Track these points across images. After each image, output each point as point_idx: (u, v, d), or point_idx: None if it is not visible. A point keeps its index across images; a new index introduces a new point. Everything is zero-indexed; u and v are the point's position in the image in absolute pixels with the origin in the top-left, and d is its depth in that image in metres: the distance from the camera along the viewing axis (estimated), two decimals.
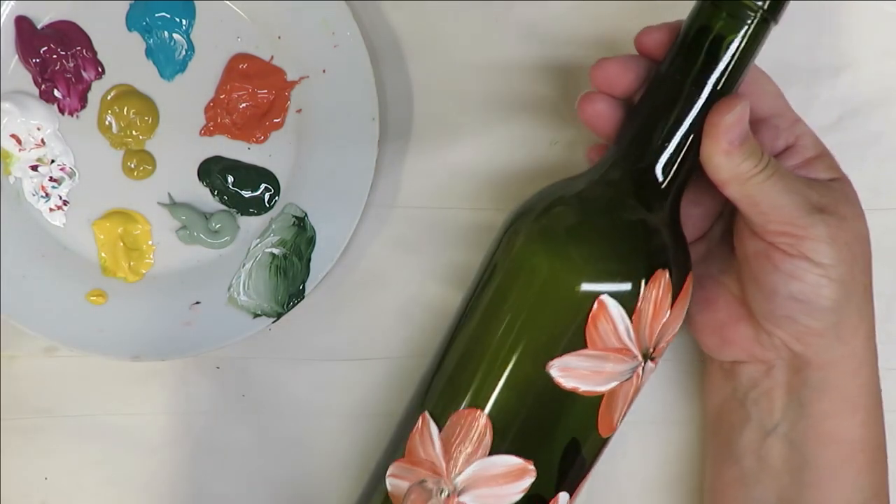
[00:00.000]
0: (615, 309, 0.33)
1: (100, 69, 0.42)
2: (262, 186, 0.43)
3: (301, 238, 0.42)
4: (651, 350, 0.34)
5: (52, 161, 0.43)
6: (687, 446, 0.44)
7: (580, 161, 0.41)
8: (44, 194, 0.43)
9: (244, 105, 0.43)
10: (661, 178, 0.35)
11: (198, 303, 0.42)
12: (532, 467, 0.34)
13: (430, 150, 0.44)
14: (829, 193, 0.34)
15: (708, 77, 0.34)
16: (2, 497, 0.44)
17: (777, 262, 0.34)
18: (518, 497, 0.35)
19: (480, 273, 0.36)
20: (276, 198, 0.43)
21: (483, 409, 0.35)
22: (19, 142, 0.42)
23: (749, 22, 0.33)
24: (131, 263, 0.43)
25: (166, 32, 0.42)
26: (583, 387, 0.34)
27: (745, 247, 0.36)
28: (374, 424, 0.43)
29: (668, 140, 0.34)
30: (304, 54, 0.42)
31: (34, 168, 0.42)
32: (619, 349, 0.34)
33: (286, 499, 0.44)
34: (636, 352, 0.34)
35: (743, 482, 0.38)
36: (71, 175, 0.43)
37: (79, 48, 0.42)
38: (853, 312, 0.35)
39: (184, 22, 0.42)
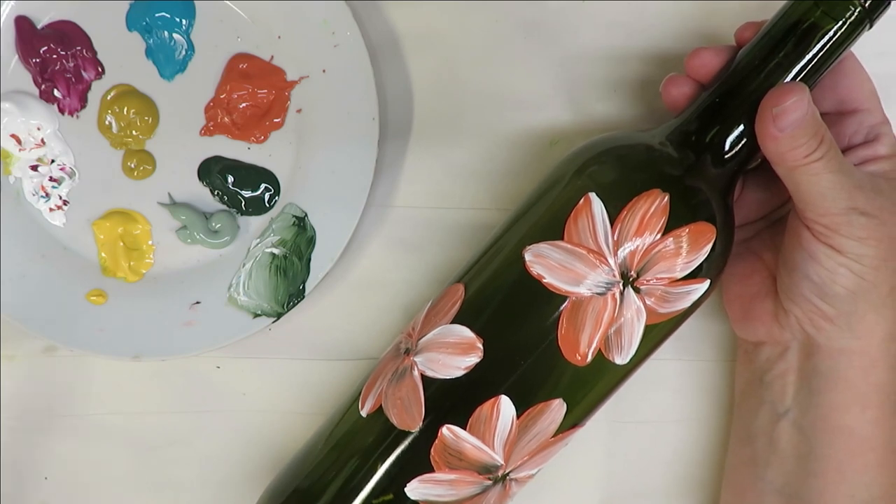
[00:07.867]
0: (598, 208, 0.34)
1: (100, 69, 0.42)
2: (262, 186, 0.43)
3: (301, 238, 0.42)
4: (632, 274, 0.34)
5: (52, 161, 0.42)
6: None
7: None
8: (44, 194, 0.43)
9: (244, 105, 0.43)
10: (726, 149, 0.35)
11: (198, 303, 0.42)
12: (480, 346, 0.34)
13: (430, 150, 0.44)
14: (877, 198, 0.34)
15: (789, 68, 0.34)
16: (2, 497, 0.44)
17: (803, 242, 0.35)
18: (459, 373, 0.34)
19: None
20: (276, 198, 0.43)
21: (463, 281, 0.36)
22: (19, 142, 0.42)
23: (845, 17, 0.34)
24: (131, 263, 0.43)
25: (166, 32, 0.42)
26: (548, 277, 0.34)
27: (787, 221, 0.37)
28: None
29: (729, 117, 0.35)
30: (304, 54, 0.42)
31: (34, 168, 0.42)
32: (592, 250, 0.33)
33: None
34: (611, 261, 0.33)
35: (754, 463, 0.38)
36: (71, 175, 0.43)
37: (79, 48, 0.42)
38: (870, 309, 0.35)
39: (184, 22, 0.42)
